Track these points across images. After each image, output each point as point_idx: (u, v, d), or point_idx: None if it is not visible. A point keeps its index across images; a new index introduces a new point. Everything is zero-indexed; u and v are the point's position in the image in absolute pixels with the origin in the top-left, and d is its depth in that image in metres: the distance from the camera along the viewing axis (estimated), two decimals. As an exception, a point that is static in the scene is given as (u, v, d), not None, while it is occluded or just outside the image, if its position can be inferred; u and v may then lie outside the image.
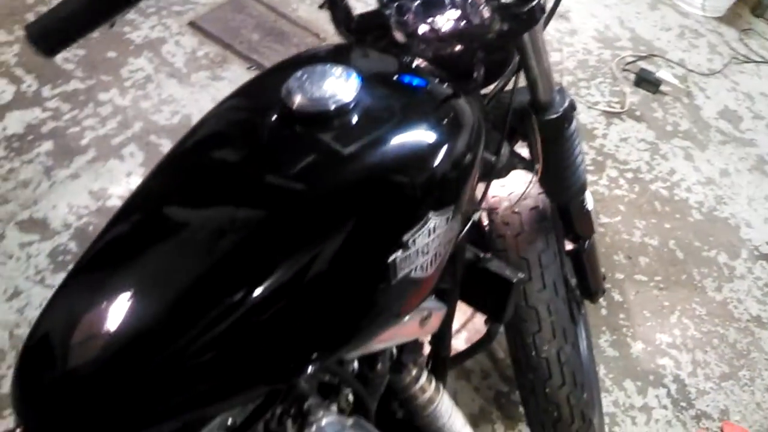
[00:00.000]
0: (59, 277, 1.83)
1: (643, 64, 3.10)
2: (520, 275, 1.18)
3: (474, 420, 1.88)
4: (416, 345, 1.17)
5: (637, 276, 2.31)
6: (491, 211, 1.44)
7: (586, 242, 1.49)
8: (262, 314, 0.76)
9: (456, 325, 1.21)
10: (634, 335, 2.16)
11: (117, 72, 2.46)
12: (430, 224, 0.83)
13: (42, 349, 0.76)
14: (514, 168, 1.19)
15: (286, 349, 0.81)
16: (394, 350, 1.13)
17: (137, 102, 2.37)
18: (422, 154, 0.84)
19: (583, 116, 2.82)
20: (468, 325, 1.86)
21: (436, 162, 0.83)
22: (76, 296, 0.78)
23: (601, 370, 2.04)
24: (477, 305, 1.23)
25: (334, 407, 0.98)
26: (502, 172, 1.18)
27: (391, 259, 0.81)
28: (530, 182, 1.23)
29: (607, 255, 2.35)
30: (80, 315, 0.76)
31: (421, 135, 0.85)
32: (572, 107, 1.18)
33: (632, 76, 3.03)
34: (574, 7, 3.38)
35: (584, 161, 1.31)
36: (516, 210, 1.41)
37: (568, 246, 1.51)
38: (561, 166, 1.23)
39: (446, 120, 0.88)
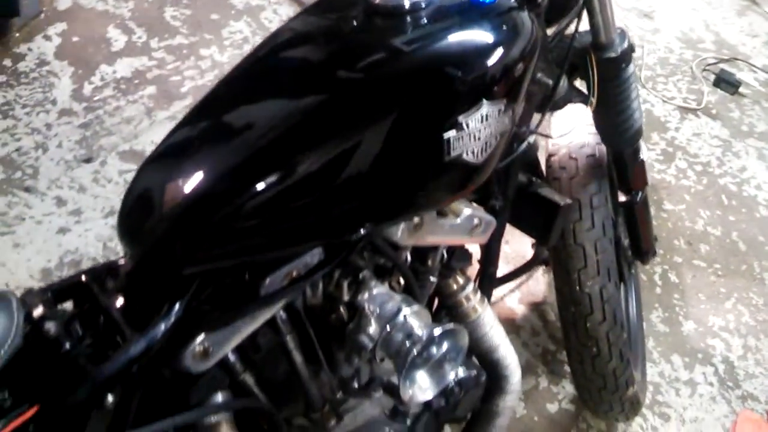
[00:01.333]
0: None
1: (724, 66, 3.12)
2: (568, 201, 1.28)
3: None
4: (465, 254, 1.28)
5: (696, 261, 2.35)
6: (550, 156, 1.55)
7: (639, 195, 1.57)
8: (329, 173, 0.89)
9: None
10: (687, 315, 2.20)
11: (218, 32, 2.68)
12: (483, 111, 0.95)
13: (140, 197, 0.92)
14: (571, 101, 1.29)
15: (349, 207, 0.94)
16: (445, 254, 1.24)
17: (234, 59, 2.58)
18: (480, 50, 0.96)
19: (658, 109, 2.87)
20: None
21: (493, 58, 0.95)
22: (170, 158, 0.94)
23: (650, 342, 2.09)
24: (525, 228, 1.34)
25: (386, 285, 1.10)
26: (560, 103, 1.29)
27: (446, 136, 0.93)
28: (581, 119, 1.33)
29: (668, 239, 2.40)
30: (173, 170, 0.91)
31: (481, 34, 0.97)
32: (631, 49, 1.27)
33: (712, 77, 3.06)
34: (659, 8, 3.42)
35: (640, 108, 1.40)
36: (573, 156, 1.50)
37: (622, 198, 1.59)
38: (617, 109, 1.33)
39: (507, 26, 0.99)
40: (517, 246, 2.15)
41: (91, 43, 2.48)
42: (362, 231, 0.96)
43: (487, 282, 1.33)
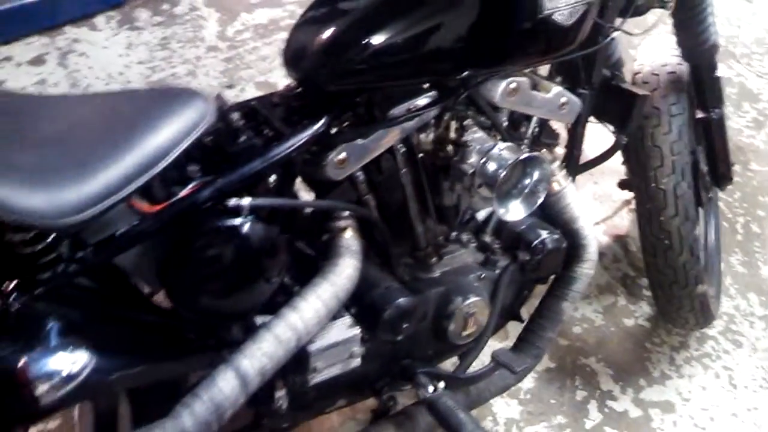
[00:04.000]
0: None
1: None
2: (646, 92, 1.49)
3: (599, 290, 2.15)
4: (553, 134, 1.50)
5: (778, 217, 2.47)
6: (634, 75, 1.75)
7: (715, 112, 1.75)
8: (437, 19, 1.15)
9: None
10: (766, 261, 2.33)
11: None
12: (573, -22, 1.18)
13: (297, 38, 1.21)
14: (652, 6, 1.50)
15: (453, 50, 1.19)
16: (535, 130, 1.46)
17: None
18: None
19: (751, 82, 3.00)
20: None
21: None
22: (318, 13, 1.23)
23: (728, 280, 2.23)
24: (607, 117, 1.55)
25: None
26: (642, 9, 1.49)
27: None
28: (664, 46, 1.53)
29: (752, 194, 2.53)
30: (320, 20, 1.19)
31: None
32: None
33: (806, 56, 3.15)
34: (760, -6, 3.53)
35: (715, 25, 1.59)
36: (655, 72, 1.71)
37: (699, 114, 1.78)
38: (694, 16, 1.53)
39: None
40: (606, 186, 2.34)
41: (234, -5, 2.86)
42: (465, 73, 1.21)
43: (571, 164, 1.54)
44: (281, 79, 2.44)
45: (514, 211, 1.26)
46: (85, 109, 1.07)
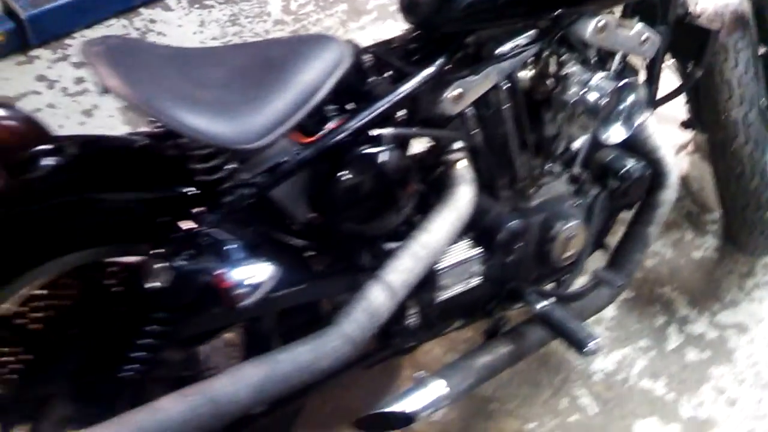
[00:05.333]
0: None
1: None
2: (718, 28, 1.61)
3: (667, 226, 2.26)
4: (633, 70, 1.62)
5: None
6: (701, 14, 1.86)
7: (777, 48, 1.86)
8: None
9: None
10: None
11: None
12: None
13: None
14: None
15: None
16: (619, 65, 1.58)
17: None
18: None
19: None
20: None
21: None
22: None
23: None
24: (681, 53, 1.67)
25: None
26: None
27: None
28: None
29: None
30: None
31: None
32: None
33: None
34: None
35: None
36: (719, 12, 1.81)
37: (762, 50, 1.88)
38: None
39: None
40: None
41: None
42: (558, 11, 1.33)
43: (650, 97, 1.66)
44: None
45: (615, 135, 1.39)
46: (239, 57, 1.21)
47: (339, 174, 1.19)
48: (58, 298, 1.16)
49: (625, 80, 1.35)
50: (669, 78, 1.70)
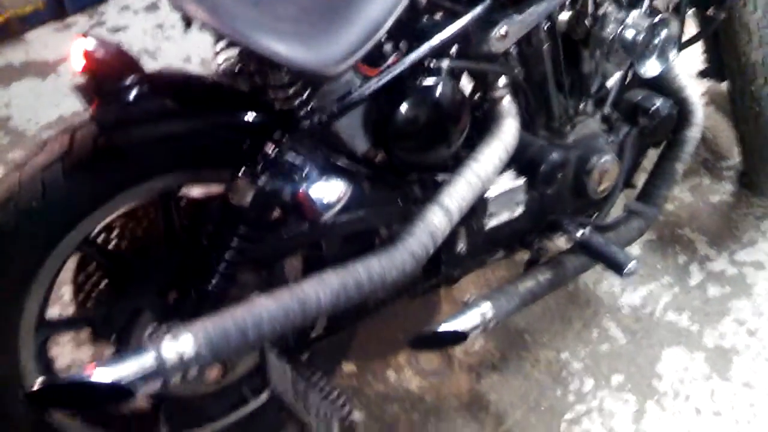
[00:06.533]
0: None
1: None
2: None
3: (685, 173, 2.32)
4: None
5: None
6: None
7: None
8: None
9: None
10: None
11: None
12: None
13: None
14: None
15: None
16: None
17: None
18: None
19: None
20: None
21: None
22: None
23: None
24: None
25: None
26: None
27: None
28: None
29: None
30: None
31: None
32: None
33: None
34: None
35: None
36: (737, -42, 1.90)
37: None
38: None
39: None
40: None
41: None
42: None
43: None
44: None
45: (651, 69, 1.48)
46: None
47: (400, 104, 1.28)
48: (145, 219, 1.25)
49: (660, 16, 1.44)
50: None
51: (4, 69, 2.56)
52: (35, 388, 0.90)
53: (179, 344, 0.96)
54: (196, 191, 1.32)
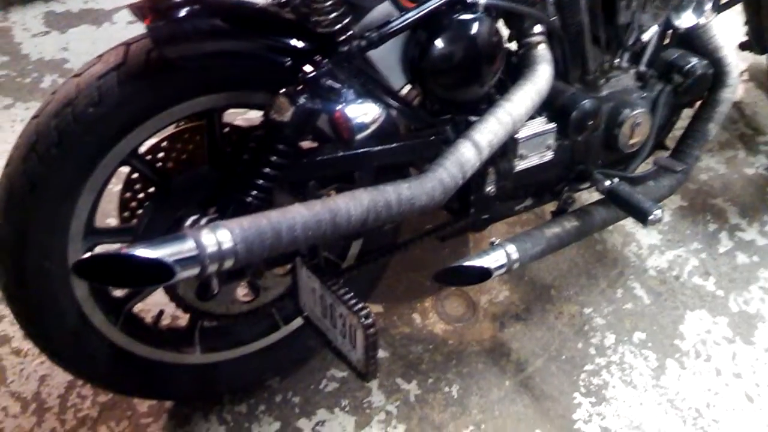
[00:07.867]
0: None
1: None
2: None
3: (720, 145, 2.38)
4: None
5: None
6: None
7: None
8: None
9: None
10: None
11: None
12: None
13: None
14: None
15: None
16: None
17: None
18: None
19: None
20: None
21: None
22: None
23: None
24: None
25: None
26: None
27: None
28: None
29: None
30: None
31: None
32: None
33: None
34: None
35: None
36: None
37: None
38: None
39: None
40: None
41: None
42: None
43: (715, 1, 1.77)
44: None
45: (687, 20, 1.51)
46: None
47: (436, 37, 1.33)
48: (191, 142, 1.32)
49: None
50: None
51: (64, 15, 2.67)
52: (83, 258, 0.97)
53: (217, 235, 1.02)
54: (240, 121, 1.39)
